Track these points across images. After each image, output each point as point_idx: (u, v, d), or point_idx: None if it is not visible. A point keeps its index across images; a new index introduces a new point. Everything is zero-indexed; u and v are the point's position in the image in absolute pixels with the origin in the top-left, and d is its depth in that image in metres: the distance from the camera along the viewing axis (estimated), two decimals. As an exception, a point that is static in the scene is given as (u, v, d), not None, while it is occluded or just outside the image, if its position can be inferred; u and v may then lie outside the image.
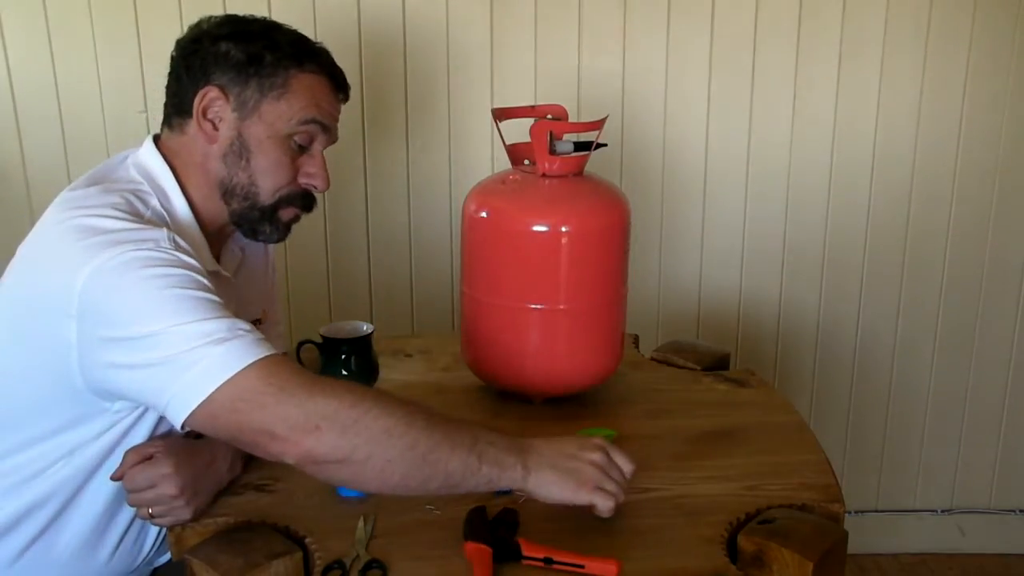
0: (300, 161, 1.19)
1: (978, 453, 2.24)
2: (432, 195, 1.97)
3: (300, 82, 1.15)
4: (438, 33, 1.89)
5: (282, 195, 1.19)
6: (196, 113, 1.14)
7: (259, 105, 1.14)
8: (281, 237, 1.23)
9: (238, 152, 1.15)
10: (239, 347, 0.97)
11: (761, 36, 1.94)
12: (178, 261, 1.02)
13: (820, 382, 2.18)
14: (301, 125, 1.16)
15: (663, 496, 1.16)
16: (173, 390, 0.97)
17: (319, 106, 1.17)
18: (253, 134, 1.15)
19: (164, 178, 1.15)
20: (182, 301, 0.99)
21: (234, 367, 0.96)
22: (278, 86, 1.14)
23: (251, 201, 1.18)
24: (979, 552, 2.28)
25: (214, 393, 0.96)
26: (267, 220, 1.20)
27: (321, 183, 1.21)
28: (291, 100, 1.15)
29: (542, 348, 1.36)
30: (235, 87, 1.14)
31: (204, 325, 0.98)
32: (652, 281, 2.07)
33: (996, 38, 1.96)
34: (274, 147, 1.16)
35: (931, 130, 2.01)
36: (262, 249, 1.37)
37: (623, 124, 1.97)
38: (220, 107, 1.14)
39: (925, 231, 2.08)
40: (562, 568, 1.01)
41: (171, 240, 1.04)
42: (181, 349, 0.96)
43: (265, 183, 1.17)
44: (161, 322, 0.97)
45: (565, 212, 1.32)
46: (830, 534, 1.05)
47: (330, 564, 1.01)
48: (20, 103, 1.84)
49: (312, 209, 1.25)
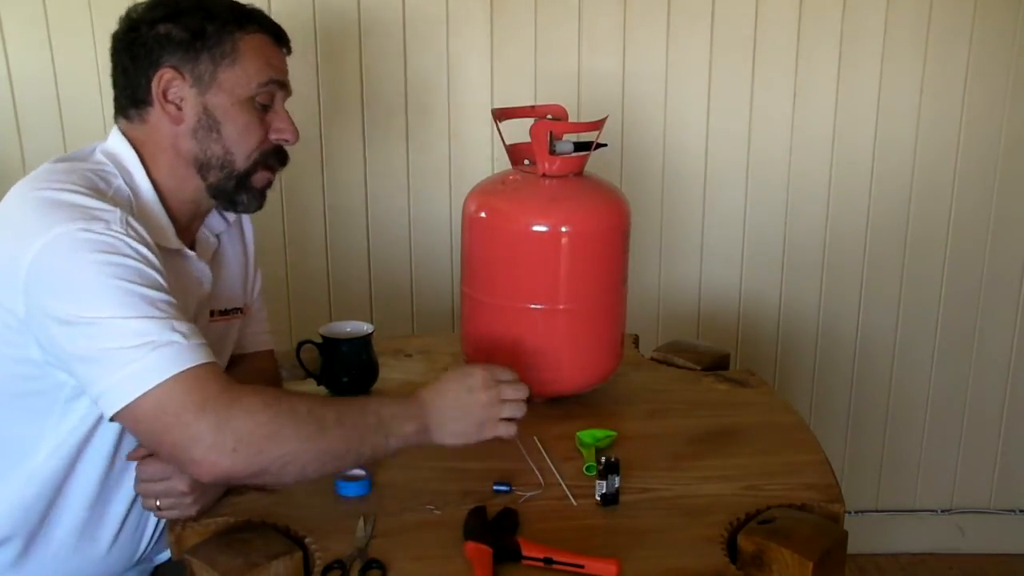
0: (267, 120, 1.19)
1: (978, 453, 2.24)
2: (432, 195, 1.97)
3: (248, 44, 1.16)
4: (438, 33, 1.89)
5: (256, 157, 1.19)
6: (157, 98, 1.14)
7: (216, 75, 1.14)
8: (259, 204, 1.23)
9: (207, 126, 1.16)
10: (170, 355, 0.98)
11: (761, 36, 1.94)
12: (127, 249, 1.02)
13: (820, 382, 2.18)
14: (261, 87, 1.16)
15: (663, 496, 1.16)
16: (102, 386, 0.99)
17: (272, 65, 1.18)
18: (217, 105, 1.15)
19: (128, 160, 1.15)
20: (125, 295, 0.99)
21: (161, 376, 0.97)
22: (228, 53, 1.14)
23: (228, 169, 1.18)
24: (979, 552, 2.28)
25: (139, 399, 0.97)
26: (243, 188, 1.20)
27: (291, 135, 1.21)
28: (245, 64, 1.15)
29: (542, 348, 1.36)
30: (187, 64, 1.14)
31: (142, 324, 0.98)
32: (652, 281, 2.07)
33: (996, 38, 1.96)
34: (240, 112, 1.16)
35: (931, 130, 2.01)
36: (241, 244, 1.36)
37: (623, 124, 1.97)
38: (179, 87, 1.14)
39: (925, 231, 2.08)
40: (562, 568, 1.01)
41: (123, 223, 1.03)
42: (115, 346, 0.98)
43: (239, 148, 1.17)
44: (100, 311, 0.98)
45: (565, 212, 1.32)
46: (830, 534, 1.05)
47: (330, 564, 1.01)
48: (20, 103, 1.84)
49: (284, 166, 1.24)
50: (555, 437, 1.30)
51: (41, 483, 1.12)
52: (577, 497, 1.16)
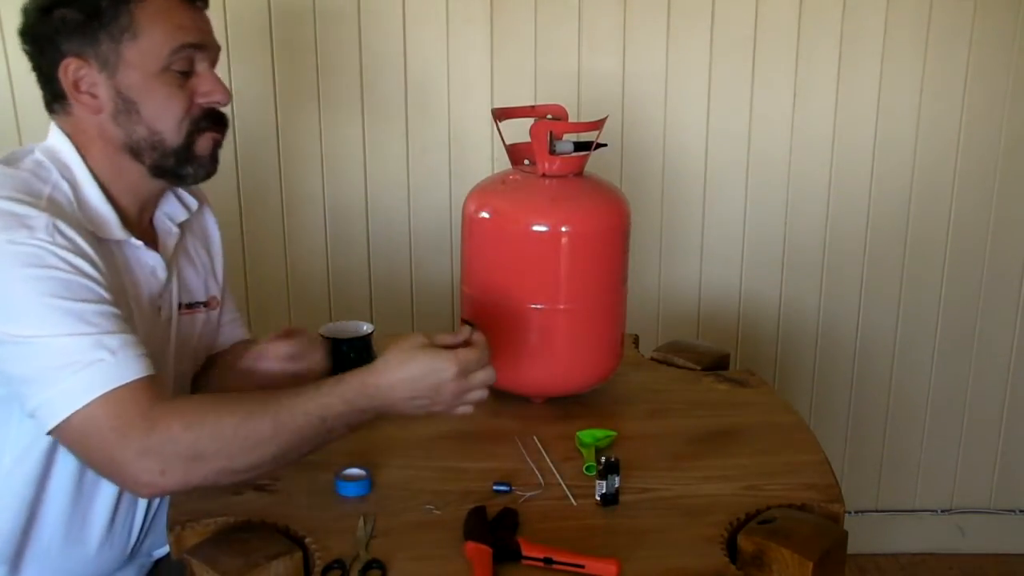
0: (190, 86, 1.12)
1: (978, 453, 2.24)
2: (432, 195, 1.97)
3: (146, 12, 1.08)
4: (438, 33, 1.89)
5: (187, 126, 1.12)
6: (69, 90, 1.10)
7: (120, 54, 1.08)
8: (209, 171, 1.17)
9: (125, 109, 1.10)
10: (93, 376, 0.96)
11: (761, 36, 1.94)
12: (53, 259, 0.99)
13: (820, 382, 2.18)
14: (172, 55, 1.09)
15: (663, 496, 1.16)
16: (31, 405, 0.98)
17: (180, 27, 1.10)
18: (130, 85, 1.09)
19: (65, 153, 1.11)
20: (50, 311, 0.97)
21: (82, 399, 0.95)
22: (126, 27, 1.07)
23: (161, 149, 1.12)
24: (979, 552, 2.28)
25: (64, 421, 0.96)
26: (186, 160, 1.14)
27: (220, 96, 1.14)
28: (148, 34, 1.08)
29: (542, 348, 1.36)
30: (89, 49, 1.08)
31: (67, 343, 0.96)
32: (652, 281, 2.08)
33: (996, 38, 1.96)
34: (156, 86, 1.10)
35: (931, 130, 2.01)
36: (207, 234, 1.33)
37: (623, 124, 1.97)
38: (87, 74, 1.09)
39: (925, 231, 2.08)
40: (562, 568, 1.01)
41: (50, 229, 1.00)
42: (41, 365, 0.96)
43: (165, 124, 1.11)
44: (25, 329, 0.96)
45: (565, 212, 1.32)
46: (830, 534, 1.05)
47: (330, 564, 1.01)
48: (20, 103, 1.83)
49: (225, 126, 1.18)
50: (555, 437, 1.30)
51: (16, 488, 1.11)
52: (577, 497, 1.16)
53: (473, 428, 1.34)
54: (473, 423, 1.36)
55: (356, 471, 1.17)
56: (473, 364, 1.05)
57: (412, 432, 1.30)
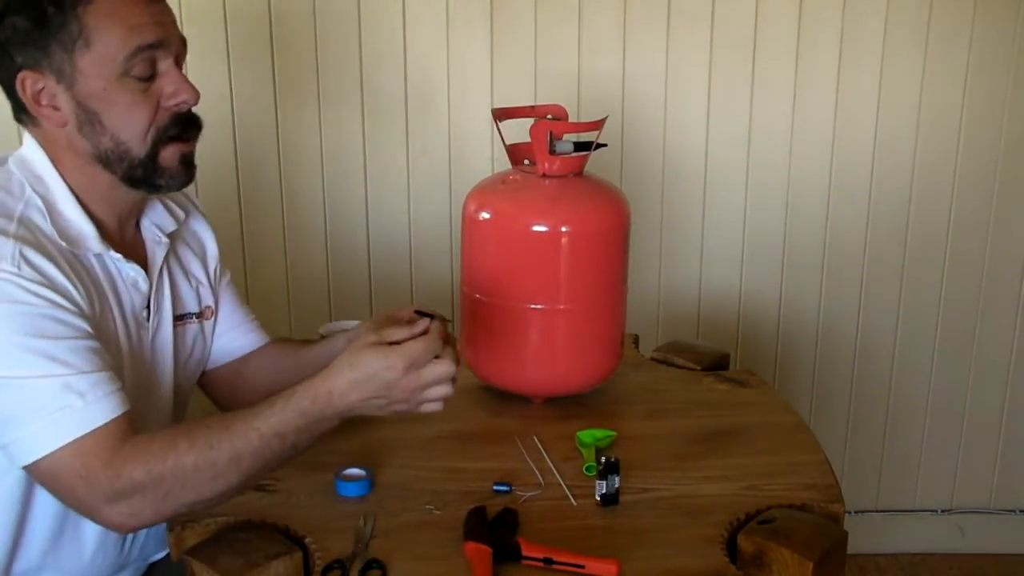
0: (155, 89, 1.06)
1: (978, 453, 2.24)
2: (432, 195, 1.97)
3: (95, 16, 1.01)
4: (438, 33, 1.89)
5: (152, 135, 1.06)
6: (30, 105, 1.04)
7: (74, 64, 1.02)
8: (184, 180, 1.11)
9: (88, 120, 1.04)
10: (60, 423, 0.95)
11: (761, 36, 1.94)
12: (19, 293, 0.96)
13: (820, 382, 2.18)
14: (129, 60, 1.02)
15: (663, 496, 1.16)
16: (3, 441, 0.97)
17: (134, 28, 1.02)
18: (89, 94, 1.03)
19: (39, 164, 1.07)
20: (18, 351, 0.95)
21: (49, 446, 0.95)
22: (77, 36, 1.01)
23: (128, 159, 1.06)
24: (979, 552, 2.28)
25: (36, 462, 0.96)
26: (155, 171, 1.08)
27: (187, 95, 1.07)
28: (101, 41, 1.01)
29: (542, 348, 1.36)
30: (42, 59, 1.02)
31: (35, 387, 0.95)
32: (652, 281, 2.08)
33: (996, 38, 1.96)
34: (115, 94, 1.03)
35: (931, 130, 2.01)
36: (200, 242, 1.28)
37: (623, 124, 1.97)
38: (45, 86, 1.03)
39: (925, 231, 2.08)
40: (562, 568, 1.01)
41: (15, 259, 0.96)
42: (12, 407, 0.95)
43: (128, 133, 1.05)
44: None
45: (565, 212, 1.32)
46: (830, 534, 1.05)
47: (330, 564, 1.01)
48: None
49: (195, 132, 1.11)
50: (555, 437, 1.30)
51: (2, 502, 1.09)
52: (577, 497, 1.16)
53: (473, 428, 1.35)
54: (473, 423, 1.36)
55: (356, 471, 1.17)
56: (421, 357, 1.00)
57: (412, 432, 1.30)
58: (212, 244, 1.29)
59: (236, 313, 1.32)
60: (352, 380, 1.00)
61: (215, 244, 1.30)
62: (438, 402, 1.04)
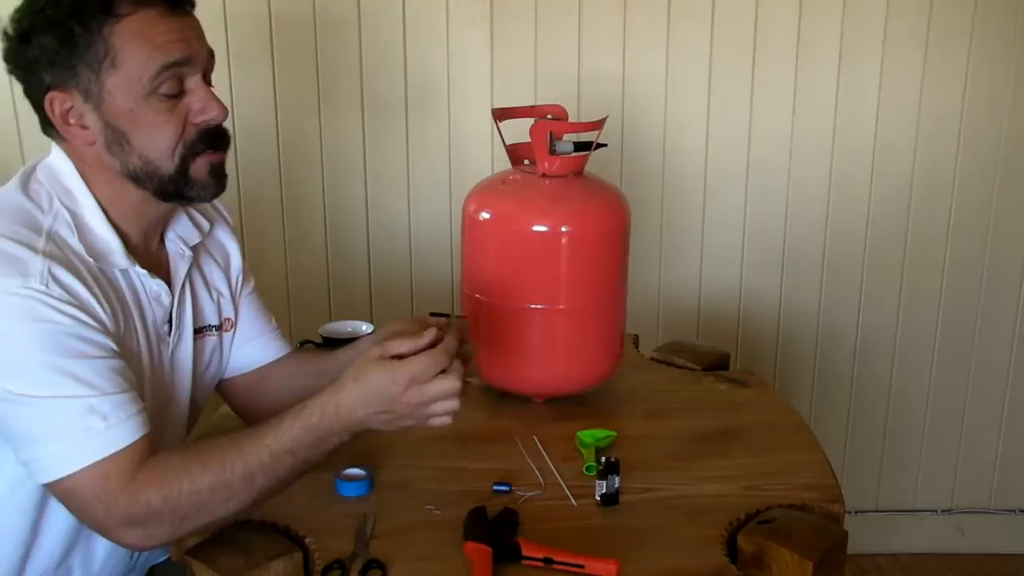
0: (182, 107, 1.05)
1: (978, 453, 2.24)
2: (432, 195, 1.97)
3: (122, 36, 1.00)
4: (438, 33, 1.89)
5: (180, 152, 1.06)
6: (59, 124, 1.04)
7: (101, 83, 1.01)
8: (215, 191, 1.10)
9: (116, 139, 1.04)
10: (81, 444, 0.96)
11: (761, 36, 1.94)
12: (46, 311, 0.95)
13: (820, 382, 2.18)
14: (155, 80, 1.02)
15: (663, 496, 1.16)
16: (24, 458, 0.98)
17: (160, 46, 1.01)
18: (117, 114, 1.03)
19: (67, 176, 1.07)
20: (45, 371, 0.95)
21: (69, 467, 0.95)
22: (103, 57, 1.00)
23: (158, 176, 1.06)
24: (979, 552, 2.28)
25: (56, 481, 0.97)
26: (185, 184, 1.07)
27: (214, 112, 1.06)
28: (127, 60, 1.00)
29: (542, 348, 1.36)
30: (69, 79, 1.02)
31: (61, 406, 0.95)
32: (652, 281, 2.08)
33: (996, 38, 1.96)
34: (143, 113, 1.03)
35: (931, 130, 2.01)
36: (225, 253, 1.27)
37: (623, 124, 1.97)
38: (73, 106, 1.03)
39: (925, 231, 2.08)
40: (562, 568, 1.01)
41: (44, 277, 0.96)
42: (34, 426, 0.96)
43: (156, 152, 1.05)
44: (23, 386, 0.95)
45: (565, 212, 1.32)
46: (830, 534, 1.05)
47: (330, 564, 1.01)
48: (20, 103, 1.83)
49: (224, 145, 1.11)
50: (555, 437, 1.30)
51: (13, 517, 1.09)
52: (577, 497, 1.16)
53: (473, 428, 1.34)
54: (473, 423, 1.36)
55: (356, 471, 1.17)
56: (423, 373, 0.99)
57: (412, 432, 1.28)
58: (236, 254, 1.28)
59: (258, 322, 1.30)
60: (357, 395, 1.00)
61: (239, 254, 1.28)
62: (445, 417, 1.03)
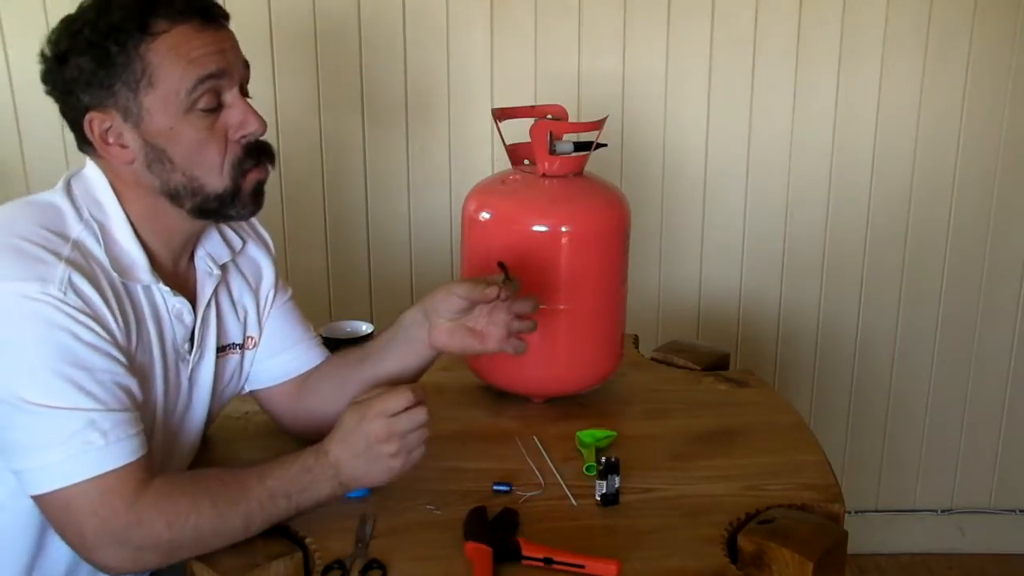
0: (222, 121, 1.05)
1: (978, 453, 2.24)
2: (432, 195, 1.98)
3: (157, 53, 1.00)
4: (438, 33, 1.89)
5: (229, 169, 1.06)
6: (98, 144, 1.04)
7: (140, 103, 1.01)
8: (254, 209, 1.11)
9: (157, 158, 1.04)
10: (82, 458, 0.95)
11: (761, 36, 1.94)
12: (62, 319, 0.95)
13: (820, 382, 2.18)
14: (191, 95, 1.01)
15: (663, 496, 1.16)
16: (16, 466, 0.97)
17: (195, 60, 1.01)
18: (156, 132, 1.02)
19: (100, 190, 1.07)
20: (52, 378, 0.94)
21: (68, 479, 0.94)
22: (140, 74, 1.00)
23: (202, 194, 1.06)
24: (979, 552, 2.28)
25: (48, 495, 0.95)
26: (233, 201, 1.08)
27: (253, 126, 1.06)
28: (164, 77, 1.00)
29: (542, 348, 1.36)
30: (107, 100, 1.02)
31: (60, 418, 0.94)
32: (652, 281, 2.08)
33: (996, 38, 1.96)
34: (182, 130, 1.02)
35: (931, 130, 2.01)
36: (257, 270, 1.26)
37: (623, 124, 1.97)
38: (112, 126, 1.03)
39: (925, 231, 2.08)
40: (562, 568, 1.01)
41: (63, 284, 0.96)
42: (33, 435, 0.95)
43: (201, 169, 1.04)
44: (21, 391, 0.94)
45: (565, 212, 1.32)
46: (830, 534, 1.05)
47: (330, 564, 1.01)
48: (20, 103, 1.84)
49: (269, 158, 1.10)
50: (555, 437, 1.30)
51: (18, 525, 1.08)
52: (577, 497, 1.16)
53: (473, 428, 1.35)
54: (473, 423, 1.36)
55: (356, 471, 1.17)
56: (392, 406, 1.03)
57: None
58: (269, 271, 1.27)
59: (295, 332, 1.29)
60: (338, 438, 1.04)
61: (272, 270, 1.27)
62: (421, 448, 1.06)
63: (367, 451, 1.03)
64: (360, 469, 1.04)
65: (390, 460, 1.04)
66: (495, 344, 1.21)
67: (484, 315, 1.21)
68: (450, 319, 1.20)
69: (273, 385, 1.28)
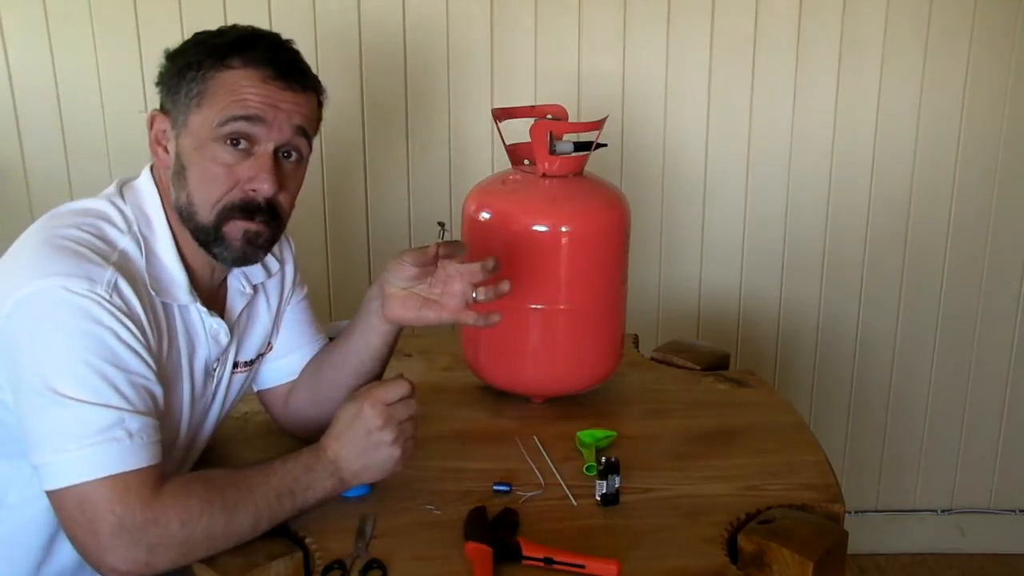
0: (243, 166, 1.06)
1: (978, 453, 2.24)
2: (432, 195, 1.97)
3: (220, 81, 1.05)
4: (438, 33, 1.89)
5: (219, 209, 1.07)
6: (152, 140, 1.10)
7: (187, 117, 1.06)
8: (240, 258, 1.10)
9: (179, 171, 1.08)
10: (107, 454, 0.95)
11: (761, 36, 1.94)
12: (105, 317, 0.97)
13: (820, 382, 2.18)
14: (222, 126, 1.04)
15: (663, 496, 1.16)
16: (37, 460, 0.97)
17: (240, 100, 1.05)
18: (185, 148, 1.07)
19: (149, 203, 1.10)
20: (86, 371, 0.96)
21: (90, 474, 0.95)
22: (197, 94, 1.06)
23: (195, 222, 1.07)
24: (979, 552, 2.28)
25: (66, 489, 0.95)
26: (213, 239, 1.08)
27: (261, 184, 1.06)
28: (211, 103, 1.05)
29: (542, 348, 1.36)
30: (169, 104, 1.08)
31: (91, 413, 0.95)
32: (652, 281, 2.07)
33: (996, 38, 1.96)
34: (203, 157, 1.06)
35: (931, 130, 2.01)
36: (284, 288, 1.28)
37: (623, 124, 1.97)
38: (165, 129, 1.09)
39: (925, 231, 2.08)
40: (562, 568, 1.01)
41: (109, 287, 0.98)
42: (58, 426, 0.95)
43: (200, 197, 1.07)
44: (55, 384, 0.95)
45: (565, 212, 1.32)
46: (830, 534, 1.05)
47: (330, 564, 1.01)
48: (20, 103, 1.84)
49: (268, 218, 1.09)
50: (555, 437, 1.30)
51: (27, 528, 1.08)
52: (577, 497, 1.16)
53: (473, 428, 1.35)
54: (473, 423, 1.36)
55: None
56: (388, 396, 1.07)
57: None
58: (289, 266, 1.29)
59: (304, 334, 1.31)
60: (336, 433, 1.07)
61: (292, 265, 1.30)
62: (412, 440, 1.10)
63: (367, 440, 1.06)
64: (360, 462, 1.06)
65: (390, 448, 1.07)
66: (450, 314, 1.19)
67: (440, 284, 1.19)
68: (403, 287, 1.19)
69: (274, 386, 1.30)
